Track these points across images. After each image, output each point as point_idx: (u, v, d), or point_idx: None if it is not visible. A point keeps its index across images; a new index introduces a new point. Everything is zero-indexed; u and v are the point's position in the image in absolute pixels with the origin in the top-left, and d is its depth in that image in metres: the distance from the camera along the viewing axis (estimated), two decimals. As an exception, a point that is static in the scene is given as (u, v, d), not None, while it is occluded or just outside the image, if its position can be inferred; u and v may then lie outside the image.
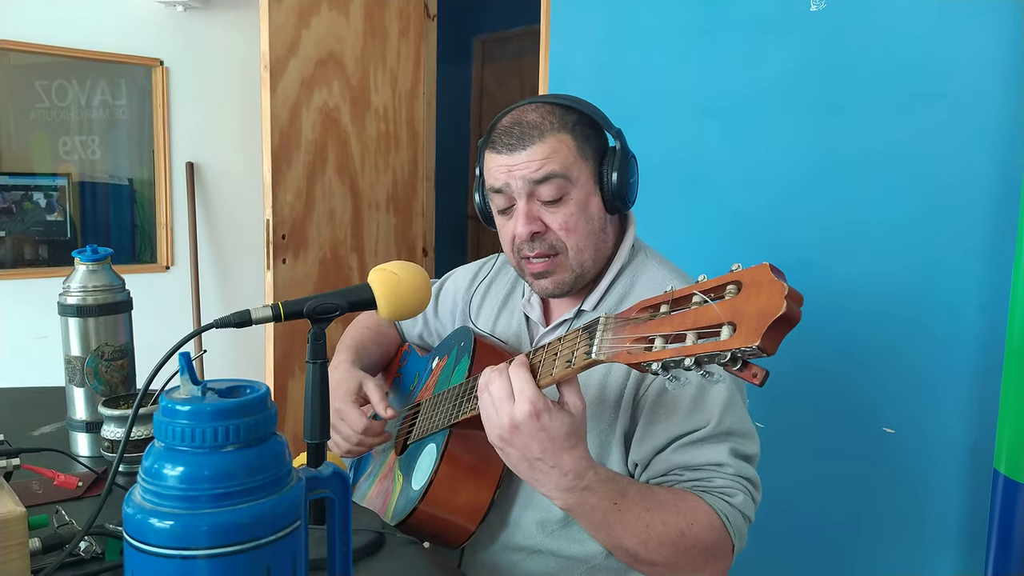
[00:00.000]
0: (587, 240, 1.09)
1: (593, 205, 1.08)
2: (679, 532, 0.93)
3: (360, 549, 0.91)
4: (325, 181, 2.79)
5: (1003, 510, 1.34)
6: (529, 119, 1.07)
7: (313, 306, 0.86)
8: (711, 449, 1.00)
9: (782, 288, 0.63)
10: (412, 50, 3.09)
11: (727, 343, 0.64)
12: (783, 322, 0.62)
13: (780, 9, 1.70)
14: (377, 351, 1.40)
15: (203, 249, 3.26)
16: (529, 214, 1.07)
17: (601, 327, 0.80)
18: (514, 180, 1.06)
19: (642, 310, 0.76)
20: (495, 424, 0.88)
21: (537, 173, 1.04)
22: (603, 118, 1.11)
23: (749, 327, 0.63)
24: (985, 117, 1.46)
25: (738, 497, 0.98)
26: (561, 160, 1.05)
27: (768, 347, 0.63)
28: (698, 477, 0.99)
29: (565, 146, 1.06)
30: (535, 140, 1.05)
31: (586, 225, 1.08)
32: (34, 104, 2.91)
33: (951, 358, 1.51)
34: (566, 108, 1.08)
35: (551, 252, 1.08)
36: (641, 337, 0.73)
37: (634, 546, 0.93)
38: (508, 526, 1.11)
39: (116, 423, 1.11)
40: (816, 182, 1.67)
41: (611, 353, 0.77)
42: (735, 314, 0.65)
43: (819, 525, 1.69)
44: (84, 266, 1.18)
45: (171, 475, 0.57)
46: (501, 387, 0.87)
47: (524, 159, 1.05)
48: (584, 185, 1.07)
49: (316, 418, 0.87)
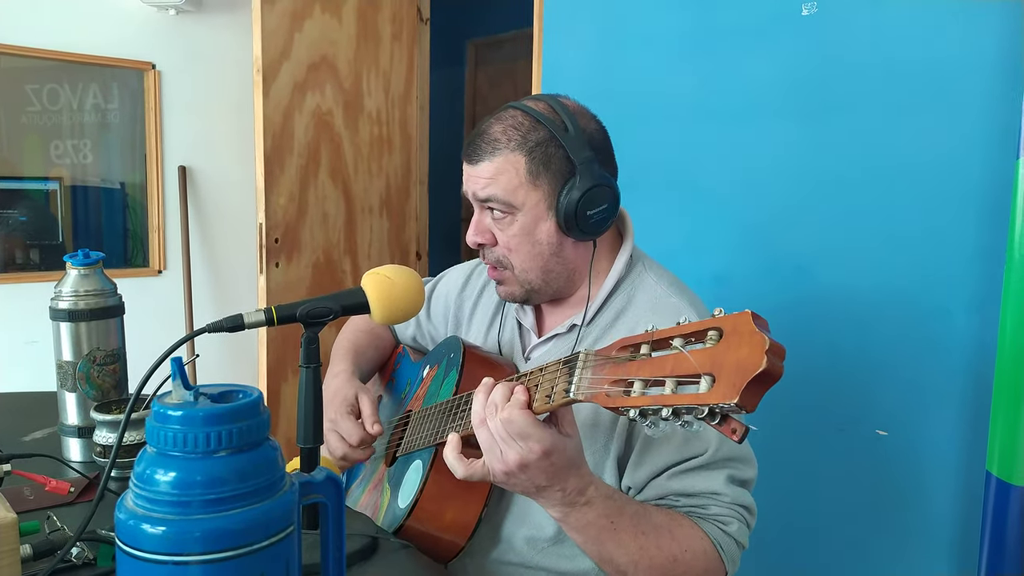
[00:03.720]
0: (531, 262, 1.08)
1: (542, 230, 1.06)
2: (672, 558, 0.92)
3: (353, 554, 0.91)
4: (318, 185, 2.79)
5: (995, 512, 1.35)
6: (492, 131, 1.06)
7: (306, 310, 0.86)
8: (708, 477, 0.99)
9: (763, 341, 0.60)
10: (405, 53, 3.09)
11: (705, 397, 0.62)
12: (763, 378, 0.59)
13: (772, 14, 1.71)
14: (373, 355, 1.39)
15: (196, 253, 3.25)
16: (479, 224, 1.09)
17: (581, 364, 0.79)
18: (469, 190, 1.08)
19: (622, 349, 0.74)
20: (499, 461, 0.85)
21: (481, 192, 1.06)
22: (574, 140, 1.03)
23: (728, 382, 0.61)
24: (976, 121, 1.47)
25: (733, 525, 0.98)
26: (504, 185, 1.04)
27: (747, 404, 0.60)
28: (694, 504, 0.99)
29: (514, 168, 1.03)
30: (485, 157, 1.05)
31: (530, 248, 1.07)
32: (25, 108, 2.90)
33: (943, 360, 1.52)
34: (536, 123, 1.04)
35: (498, 265, 1.10)
36: (620, 379, 0.71)
37: (624, 565, 0.92)
38: (499, 543, 1.10)
39: (108, 428, 1.10)
40: (808, 185, 1.68)
41: (589, 394, 0.75)
42: (714, 365, 0.63)
43: (812, 528, 1.70)
44: (76, 270, 1.18)
45: (163, 480, 0.57)
46: (505, 428, 0.83)
47: (475, 173, 1.06)
48: (532, 210, 1.05)
49: (309, 423, 0.86)
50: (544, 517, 1.06)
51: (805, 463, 1.68)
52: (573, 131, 1.03)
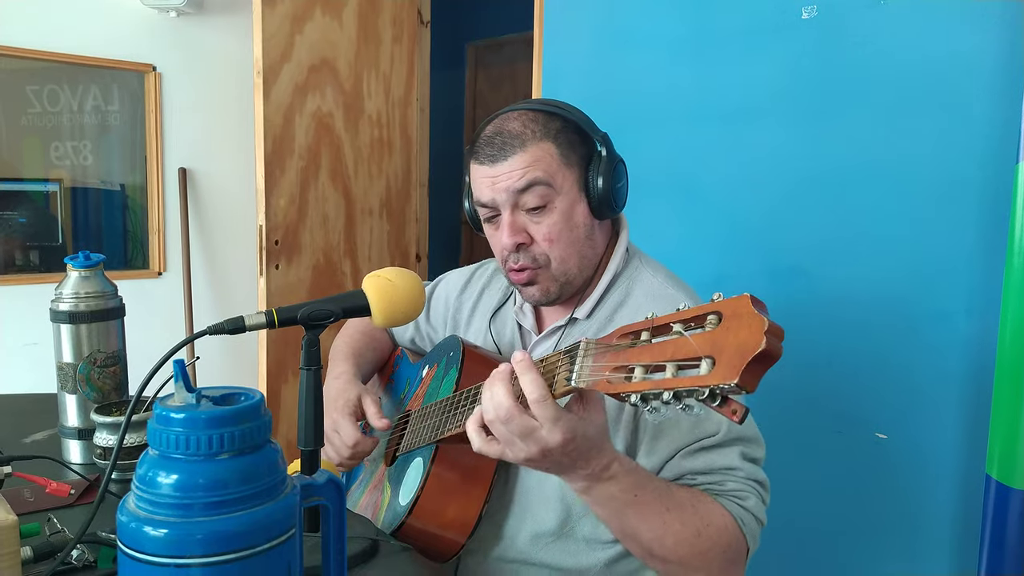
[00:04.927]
0: (571, 249, 1.08)
1: (579, 212, 1.08)
2: (695, 532, 0.92)
3: (354, 556, 0.91)
4: (318, 187, 2.79)
5: (995, 515, 1.35)
6: (511, 128, 1.06)
7: (307, 313, 0.86)
8: (722, 454, 1.00)
9: (762, 323, 0.61)
10: (405, 56, 3.09)
11: (706, 379, 0.62)
12: (763, 358, 0.60)
13: (772, 16, 1.71)
14: (373, 357, 1.39)
15: (196, 255, 3.25)
16: (513, 225, 1.07)
17: (582, 352, 0.79)
18: (497, 193, 1.06)
19: (623, 336, 0.75)
20: (522, 450, 0.83)
21: (520, 182, 1.04)
22: (588, 123, 1.09)
23: (728, 363, 0.61)
24: (975, 123, 1.47)
25: (750, 500, 0.98)
26: (544, 168, 1.04)
27: (747, 384, 0.60)
28: (711, 481, 0.99)
29: (548, 154, 1.05)
30: (516, 150, 1.04)
31: (570, 234, 1.07)
32: (26, 109, 2.90)
33: (943, 363, 1.52)
34: (549, 115, 1.07)
35: (534, 265, 1.08)
36: (621, 366, 0.72)
37: (648, 540, 0.92)
38: (501, 539, 1.10)
39: (108, 430, 1.10)
40: (807, 188, 1.68)
41: (591, 381, 0.76)
42: (714, 348, 0.63)
43: (812, 531, 1.70)
44: (76, 272, 1.18)
45: (165, 483, 0.57)
46: (530, 421, 0.81)
47: (506, 169, 1.05)
48: (568, 193, 1.06)
49: (310, 425, 0.86)
50: (546, 511, 1.06)
51: (804, 466, 1.68)
52: (581, 117, 1.09)
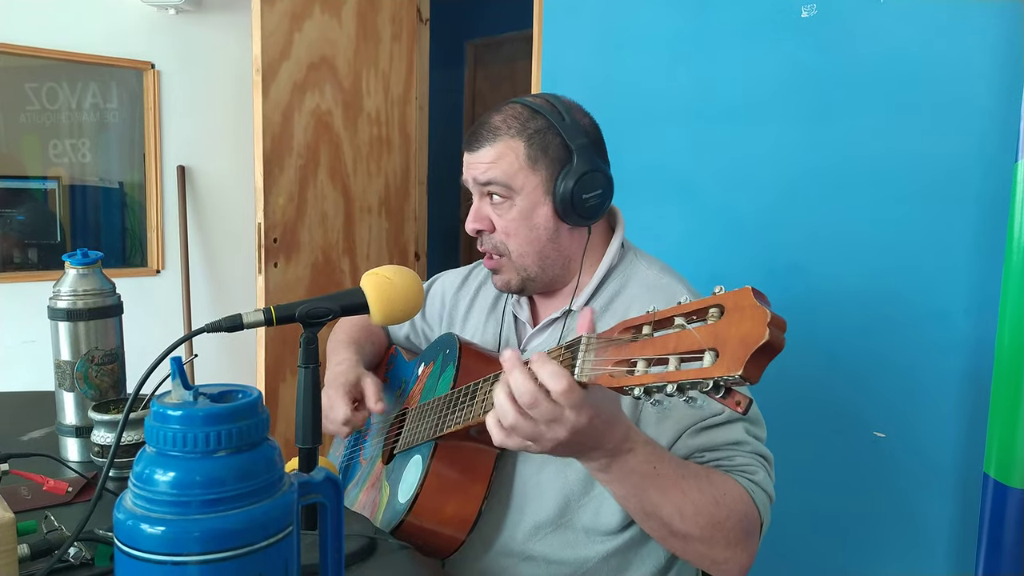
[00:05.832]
0: (528, 247, 1.11)
1: (540, 214, 1.09)
2: (713, 500, 0.92)
3: (352, 554, 0.90)
4: (317, 185, 2.79)
5: (993, 514, 1.35)
6: (493, 120, 1.11)
7: (305, 310, 0.86)
8: (729, 429, 1.01)
9: (764, 315, 0.61)
10: (405, 54, 3.09)
11: (709, 371, 0.62)
12: (766, 350, 0.60)
13: (771, 15, 1.71)
14: (371, 349, 1.40)
15: (194, 253, 3.25)
16: (478, 212, 1.12)
17: (583, 347, 0.79)
18: (468, 179, 1.12)
19: (624, 330, 0.75)
20: (550, 437, 0.82)
21: (482, 176, 1.09)
22: (573, 127, 1.08)
23: (732, 355, 0.61)
24: (974, 122, 1.47)
25: (759, 474, 0.99)
26: (504, 168, 1.08)
27: (751, 376, 0.60)
28: (719, 456, 1.00)
29: (513, 153, 1.08)
30: (486, 143, 1.09)
31: (529, 233, 1.10)
32: (24, 107, 2.90)
33: (941, 362, 1.52)
34: (535, 113, 1.09)
35: (495, 252, 1.13)
36: (623, 360, 0.72)
37: (669, 515, 0.91)
38: (500, 533, 1.10)
39: (106, 428, 1.10)
40: (807, 187, 1.68)
41: (593, 375, 0.76)
42: (717, 340, 0.63)
43: (810, 529, 1.70)
44: (74, 270, 1.18)
45: (162, 480, 0.57)
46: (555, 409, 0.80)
47: (476, 160, 1.10)
48: (531, 194, 1.09)
49: (308, 423, 0.86)
50: (545, 500, 1.07)
51: (803, 465, 1.68)
52: (569, 121, 1.09)
